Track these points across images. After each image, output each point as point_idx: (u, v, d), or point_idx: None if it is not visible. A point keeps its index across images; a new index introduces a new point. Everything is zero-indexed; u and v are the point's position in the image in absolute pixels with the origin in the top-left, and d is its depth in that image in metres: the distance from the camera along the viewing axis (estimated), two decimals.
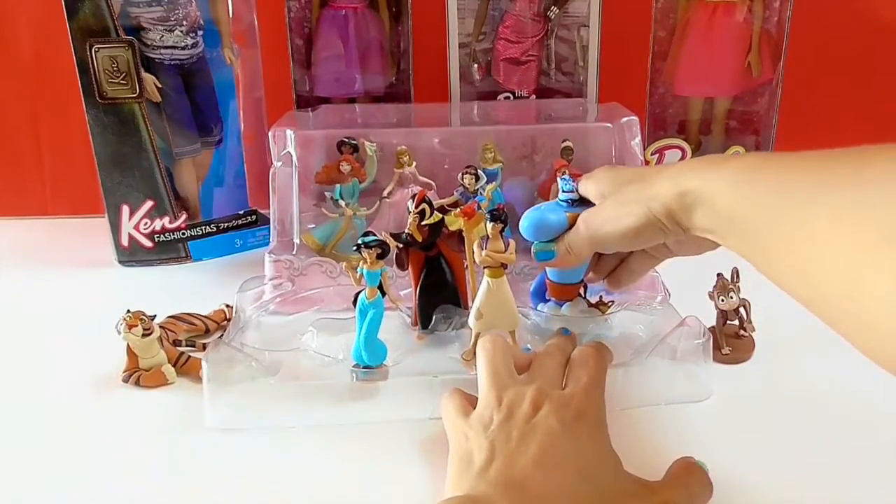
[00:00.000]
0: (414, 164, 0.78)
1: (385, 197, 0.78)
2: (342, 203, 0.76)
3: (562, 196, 0.55)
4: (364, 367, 0.58)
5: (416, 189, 0.79)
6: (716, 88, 0.93)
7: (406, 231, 0.63)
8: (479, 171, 0.74)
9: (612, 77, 0.91)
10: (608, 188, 0.52)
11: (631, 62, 0.92)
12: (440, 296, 0.65)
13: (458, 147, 0.80)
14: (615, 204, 0.50)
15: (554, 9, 0.91)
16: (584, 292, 0.60)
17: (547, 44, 0.94)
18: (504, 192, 0.77)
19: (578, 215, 0.52)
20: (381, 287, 0.58)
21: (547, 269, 0.57)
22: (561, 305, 0.59)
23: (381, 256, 0.56)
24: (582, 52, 0.93)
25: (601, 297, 0.61)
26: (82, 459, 0.53)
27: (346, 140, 0.77)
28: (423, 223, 0.62)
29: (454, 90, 0.91)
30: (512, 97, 0.94)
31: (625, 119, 0.79)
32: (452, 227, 0.63)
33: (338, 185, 0.76)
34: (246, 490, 0.49)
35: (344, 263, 0.61)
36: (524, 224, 0.54)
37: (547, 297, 0.61)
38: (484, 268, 0.57)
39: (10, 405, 0.60)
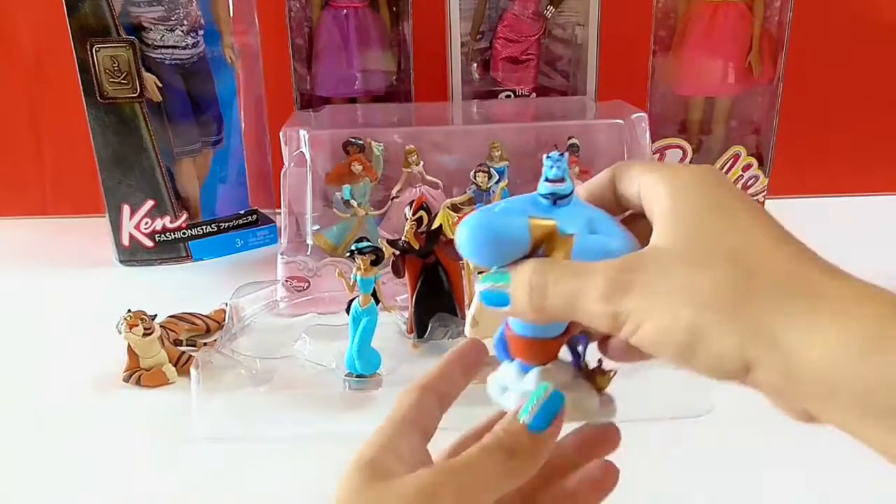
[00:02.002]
0: (422, 163, 0.78)
1: (395, 197, 0.78)
2: (353, 203, 0.76)
3: (542, 188, 0.29)
4: (357, 376, 0.57)
5: (424, 188, 0.79)
6: (716, 88, 0.93)
7: (403, 238, 0.62)
8: (492, 169, 0.74)
9: (613, 76, 0.91)
10: (696, 234, 0.26)
11: (631, 61, 0.92)
12: (437, 304, 0.63)
13: (463, 146, 0.80)
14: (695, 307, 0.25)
15: (550, 8, 0.91)
16: (582, 353, 0.33)
17: (543, 42, 0.94)
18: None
19: (553, 226, 0.29)
20: (374, 294, 0.57)
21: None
22: (527, 370, 0.32)
23: (375, 263, 0.56)
24: (577, 50, 0.93)
25: (600, 361, 0.32)
26: (82, 459, 0.53)
27: (353, 140, 0.77)
28: (420, 230, 0.61)
29: (455, 90, 0.91)
30: (513, 96, 0.94)
31: (635, 115, 0.78)
32: (449, 234, 0.62)
33: (347, 186, 0.76)
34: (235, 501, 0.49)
35: (337, 270, 0.61)
36: (461, 231, 0.30)
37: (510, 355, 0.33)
38: (478, 273, 0.56)
39: (11, 405, 0.60)
